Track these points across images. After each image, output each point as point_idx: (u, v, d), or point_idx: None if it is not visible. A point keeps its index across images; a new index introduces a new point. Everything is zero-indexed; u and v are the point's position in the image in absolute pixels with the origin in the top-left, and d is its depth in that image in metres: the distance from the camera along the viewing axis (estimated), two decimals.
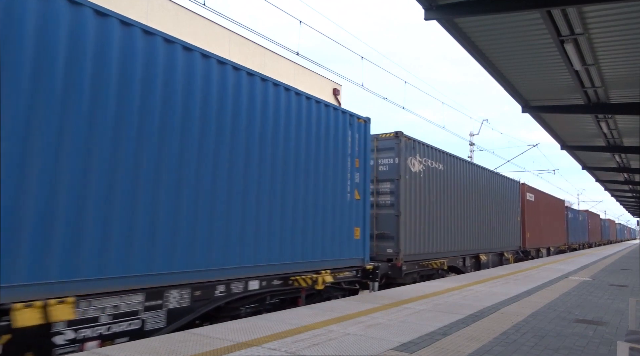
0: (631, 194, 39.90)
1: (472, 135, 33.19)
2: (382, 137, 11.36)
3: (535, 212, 23.49)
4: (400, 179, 11.06)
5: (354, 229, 8.89)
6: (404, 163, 11.17)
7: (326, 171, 8.23)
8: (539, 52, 9.84)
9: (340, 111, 8.79)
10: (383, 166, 11.36)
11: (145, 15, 14.66)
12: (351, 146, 8.93)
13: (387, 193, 11.14)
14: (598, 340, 5.31)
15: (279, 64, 20.60)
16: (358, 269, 9.07)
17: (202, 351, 4.27)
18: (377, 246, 11.07)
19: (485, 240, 16.53)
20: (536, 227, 23.61)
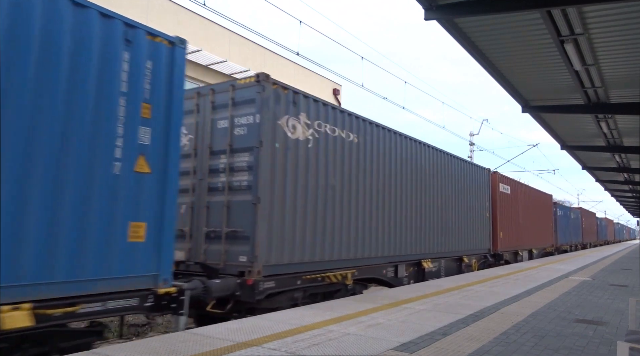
0: (631, 194, 39.90)
1: (472, 135, 33.20)
2: (241, 83, 7.56)
3: (511, 207, 19.51)
4: (262, 149, 7.09)
5: (131, 225, 5.17)
6: (270, 124, 7.29)
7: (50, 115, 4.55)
8: (539, 52, 9.84)
9: (97, 11, 4.97)
10: (240, 129, 7.36)
11: (145, 15, 14.66)
12: (132, 80, 5.27)
13: (244, 169, 7.20)
14: (598, 340, 5.31)
15: (279, 64, 20.60)
16: (145, 296, 5.22)
17: (202, 351, 4.28)
18: (228, 251, 7.14)
19: (433, 241, 12.43)
20: (513, 225, 19.58)
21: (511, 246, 19.31)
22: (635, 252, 33.02)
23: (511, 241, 19.27)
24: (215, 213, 7.40)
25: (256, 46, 19.35)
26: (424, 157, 12.24)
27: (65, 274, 4.49)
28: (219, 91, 7.78)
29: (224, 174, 7.40)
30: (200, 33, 16.55)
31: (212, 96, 7.78)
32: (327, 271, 8.34)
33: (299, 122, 7.93)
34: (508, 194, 19.11)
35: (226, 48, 17.68)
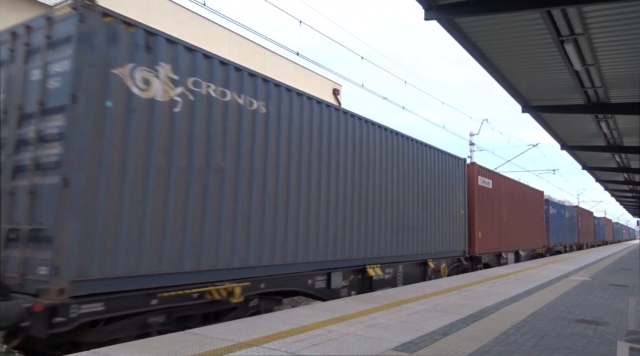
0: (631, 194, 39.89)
1: (472, 135, 33.21)
2: (60, 15, 5.24)
3: (493, 204, 17.34)
4: (76, 107, 4.92)
5: None
6: (96, 73, 5.10)
7: None
8: (539, 52, 9.84)
9: None
10: (55, 80, 5.15)
11: (145, 15, 14.66)
12: None
13: (55, 138, 5.00)
14: (598, 340, 5.31)
15: (279, 64, 20.59)
16: None
17: (202, 351, 4.28)
18: (28, 259, 4.93)
19: (385, 243, 10.29)
20: (495, 224, 17.37)
21: (492, 247, 17.09)
22: (635, 252, 33.01)
23: (492, 242, 17.08)
24: (19, 203, 5.19)
25: (256, 46, 19.35)
26: (374, 140, 10.19)
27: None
28: (36, 28, 5.53)
29: (32, 147, 5.20)
30: (200, 33, 16.55)
31: (26, 37, 5.59)
32: (206, 284, 6.14)
33: (157, 76, 5.71)
34: (489, 188, 16.67)
35: (226, 48, 17.68)
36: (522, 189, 21.29)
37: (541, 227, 24.82)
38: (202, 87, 6.27)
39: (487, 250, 16.72)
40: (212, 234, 6.21)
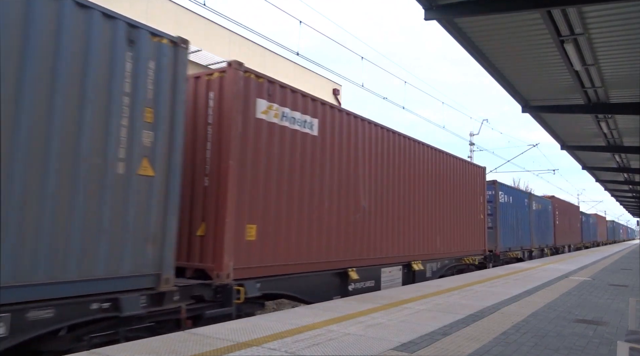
0: (631, 194, 39.90)
1: (472, 135, 33.22)
2: None
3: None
4: None
5: None
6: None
7: None
8: (539, 52, 9.85)
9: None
10: None
11: (145, 15, 14.66)
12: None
13: None
14: (598, 340, 5.31)
15: (279, 64, 20.60)
16: None
17: (202, 351, 4.28)
18: None
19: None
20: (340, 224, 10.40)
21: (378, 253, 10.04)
22: (635, 252, 33.00)
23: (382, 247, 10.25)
24: None
25: (256, 46, 19.35)
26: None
27: None
28: None
29: None
30: (200, 33, 16.55)
31: None
32: None
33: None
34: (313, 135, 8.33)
35: (226, 48, 17.68)
36: (459, 164, 13.98)
37: (480, 224, 15.58)
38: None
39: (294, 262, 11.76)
40: None
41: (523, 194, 22.97)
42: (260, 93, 7.18)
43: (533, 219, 23.49)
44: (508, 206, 19.75)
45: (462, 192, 14.24)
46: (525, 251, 22.15)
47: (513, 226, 20.24)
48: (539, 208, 25.10)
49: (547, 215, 27.15)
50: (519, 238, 20.98)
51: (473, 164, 15.46)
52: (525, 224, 22.18)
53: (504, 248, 18.85)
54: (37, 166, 4.40)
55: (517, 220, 20.79)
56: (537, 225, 24.43)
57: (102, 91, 4.92)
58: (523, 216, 21.85)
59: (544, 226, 26.06)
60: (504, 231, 19.01)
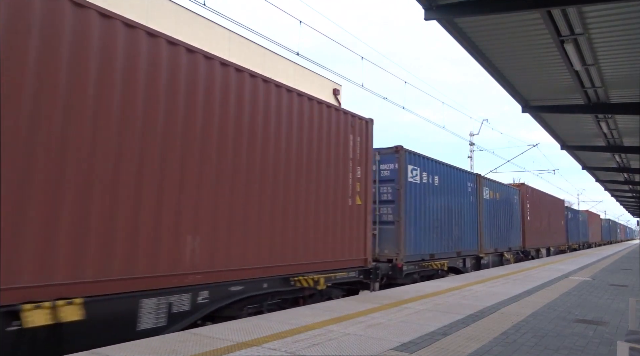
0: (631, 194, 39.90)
1: (472, 135, 33.22)
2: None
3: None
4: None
5: None
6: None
7: None
8: (539, 52, 9.85)
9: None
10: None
11: (145, 15, 14.66)
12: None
13: None
14: (598, 340, 5.31)
15: (279, 64, 20.60)
16: None
17: (202, 351, 4.28)
18: None
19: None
20: None
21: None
22: (635, 252, 32.99)
23: None
24: None
25: (256, 46, 19.35)
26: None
27: None
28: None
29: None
30: (200, 33, 16.56)
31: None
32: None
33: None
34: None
35: (226, 48, 17.68)
36: None
37: (358, 227, 9.94)
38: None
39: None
40: None
41: (464, 174, 15.19)
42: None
43: (483, 213, 16.61)
44: (428, 189, 12.67)
45: (309, 155, 8.02)
46: (468, 257, 15.06)
47: (440, 221, 13.20)
48: (497, 197, 18.15)
49: (512, 208, 20.12)
50: (453, 239, 13.96)
51: (343, 110, 9.09)
52: (469, 218, 15.27)
53: (418, 255, 11.84)
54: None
55: (448, 212, 13.70)
56: (492, 221, 17.56)
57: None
58: (463, 206, 14.81)
59: (505, 223, 19.12)
60: (417, 228, 11.97)
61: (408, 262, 11.40)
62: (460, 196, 14.76)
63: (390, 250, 11.24)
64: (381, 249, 11.32)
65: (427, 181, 12.73)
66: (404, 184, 11.45)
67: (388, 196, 11.56)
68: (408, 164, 11.71)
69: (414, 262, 11.70)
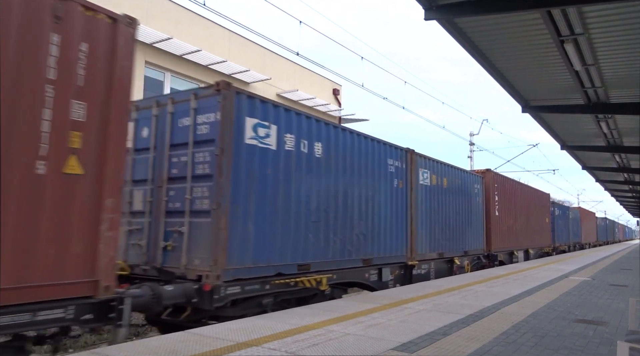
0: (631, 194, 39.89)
1: (472, 135, 33.22)
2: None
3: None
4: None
5: None
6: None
7: None
8: (539, 52, 9.84)
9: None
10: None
11: (145, 15, 14.66)
12: None
13: None
14: (598, 340, 5.31)
15: (279, 64, 20.60)
16: None
17: (202, 351, 4.28)
18: None
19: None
20: None
21: None
22: (635, 252, 32.97)
23: None
24: None
25: (256, 46, 19.34)
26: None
27: None
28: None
29: None
30: (200, 33, 16.55)
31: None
32: None
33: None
34: None
35: (226, 48, 17.68)
36: None
37: None
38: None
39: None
40: None
41: (380, 146, 10.48)
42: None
43: (419, 204, 11.91)
44: (296, 161, 8.01)
45: None
46: (387, 267, 10.39)
47: (324, 212, 8.58)
48: (443, 184, 13.46)
49: (470, 200, 15.33)
50: (352, 240, 9.28)
51: None
52: (389, 210, 10.65)
53: (260, 268, 7.13)
54: None
55: (341, 199, 9.05)
56: (435, 216, 12.81)
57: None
58: (378, 193, 10.28)
59: (459, 220, 14.38)
60: (263, 221, 7.28)
61: (238, 280, 6.69)
62: (371, 178, 9.96)
63: (202, 261, 6.46)
64: (189, 258, 6.57)
65: (294, 148, 7.87)
66: (231, 146, 6.72)
67: (204, 168, 6.71)
68: (248, 117, 7.05)
69: (251, 280, 6.92)
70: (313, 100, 21.28)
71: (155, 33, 14.40)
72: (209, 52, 16.23)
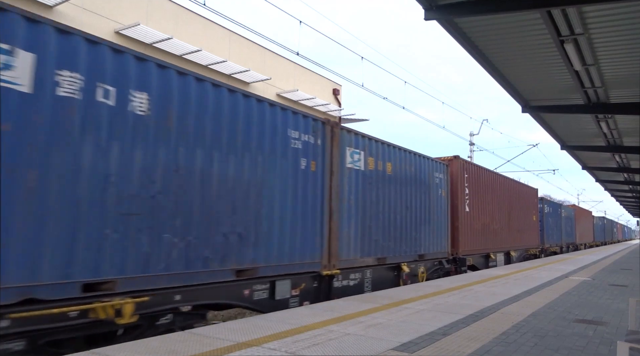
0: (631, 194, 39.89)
1: (472, 135, 33.23)
2: None
3: None
4: None
5: None
6: None
7: None
8: (539, 52, 9.84)
9: None
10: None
11: (145, 15, 14.66)
12: None
13: None
14: (598, 340, 5.31)
15: (279, 64, 20.60)
16: None
17: (202, 351, 4.27)
18: None
19: None
20: None
21: None
22: (635, 252, 32.98)
23: None
24: None
25: (256, 46, 19.34)
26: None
27: None
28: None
29: None
30: (200, 33, 16.55)
31: None
32: None
33: None
34: None
35: (226, 48, 17.68)
36: None
37: None
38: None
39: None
40: None
41: (275, 111, 7.58)
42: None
43: (347, 193, 9.16)
44: (119, 119, 5.36)
45: None
46: (283, 279, 7.54)
47: (153, 198, 5.63)
48: (387, 170, 10.47)
49: (429, 193, 12.39)
50: (209, 241, 6.26)
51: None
52: (285, 202, 7.66)
53: None
54: None
55: (187, 178, 6.09)
56: (375, 209, 9.97)
57: None
58: (273, 175, 7.48)
59: (411, 216, 11.43)
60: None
61: None
62: (259, 153, 7.18)
63: None
64: None
65: (105, 101, 5.21)
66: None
67: None
68: None
69: None
70: (313, 100, 21.27)
71: (155, 33, 14.40)
72: (209, 52, 16.23)
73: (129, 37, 14.10)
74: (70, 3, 12.40)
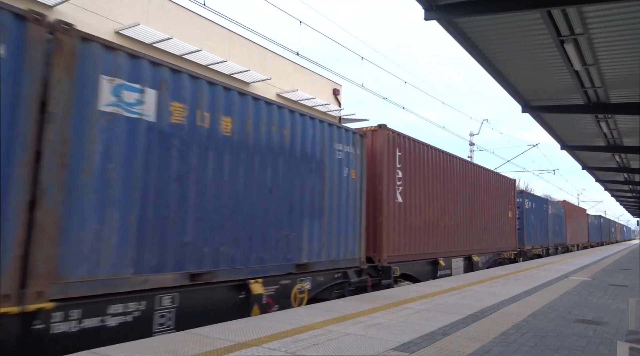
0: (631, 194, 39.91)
1: (472, 135, 33.25)
2: None
3: None
4: None
5: None
6: None
7: None
8: (539, 52, 9.85)
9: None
10: None
11: (145, 15, 14.66)
12: None
13: None
14: (598, 340, 5.31)
15: (279, 64, 20.60)
16: None
17: (202, 351, 4.28)
18: None
19: None
20: None
21: None
22: (635, 252, 32.99)
23: None
24: None
25: (256, 46, 19.35)
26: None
27: None
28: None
29: None
30: (200, 33, 16.55)
31: None
32: None
33: None
34: None
35: (226, 48, 17.68)
36: None
37: None
38: None
39: None
40: None
41: None
42: None
43: (106, 163, 5.08)
44: None
45: None
46: None
47: None
48: (225, 130, 6.53)
49: (320, 171, 8.27)
50: None
51: None
52: None
53: None
54: None
55: None
56: (181, 192, 5.86)
57: None
58: None
59: (275, 207, 7.32)
60: None
61: None
62: None
63: None
64: None
65: None
66: None
67: None
68: None
69: None
70: (313, 100, 21.27)
71: (155, 33, 14.40)
72: (209, 52, 16.23)
73: (129, 37, 14.10)
74: (70, 3, 12.42)
